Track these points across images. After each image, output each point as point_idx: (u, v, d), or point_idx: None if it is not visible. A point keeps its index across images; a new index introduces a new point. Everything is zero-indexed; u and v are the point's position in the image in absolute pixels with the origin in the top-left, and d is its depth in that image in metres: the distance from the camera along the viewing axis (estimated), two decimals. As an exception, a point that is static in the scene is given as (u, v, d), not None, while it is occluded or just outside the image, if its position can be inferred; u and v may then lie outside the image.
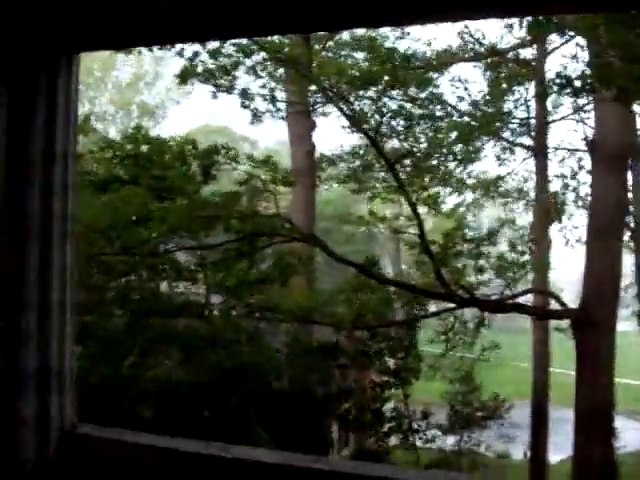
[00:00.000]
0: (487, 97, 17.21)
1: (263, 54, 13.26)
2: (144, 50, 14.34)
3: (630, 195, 16.07)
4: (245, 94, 14.03)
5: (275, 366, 12.99)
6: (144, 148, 12.35)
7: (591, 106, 15.65)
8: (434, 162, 17.34)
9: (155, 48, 13.14)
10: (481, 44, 17.39)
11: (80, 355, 9.60)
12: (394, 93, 13.76)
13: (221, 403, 11.66)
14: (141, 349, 11.55)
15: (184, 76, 13.44)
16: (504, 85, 17.73)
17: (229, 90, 14.08)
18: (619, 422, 14.88)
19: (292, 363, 13.78)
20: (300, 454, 2.49)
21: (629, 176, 15.49)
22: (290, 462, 2.42)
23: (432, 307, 15.17)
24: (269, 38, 12.03)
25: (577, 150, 18.97)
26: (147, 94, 36.06)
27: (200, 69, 13.49)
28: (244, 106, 14.14)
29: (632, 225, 17.52)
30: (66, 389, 2.64)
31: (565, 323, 14.52)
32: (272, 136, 35.51)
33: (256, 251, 12.70)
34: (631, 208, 16.21)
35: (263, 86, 15.10)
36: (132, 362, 11.46)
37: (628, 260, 16.41)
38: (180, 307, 12.34)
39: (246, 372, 11.92)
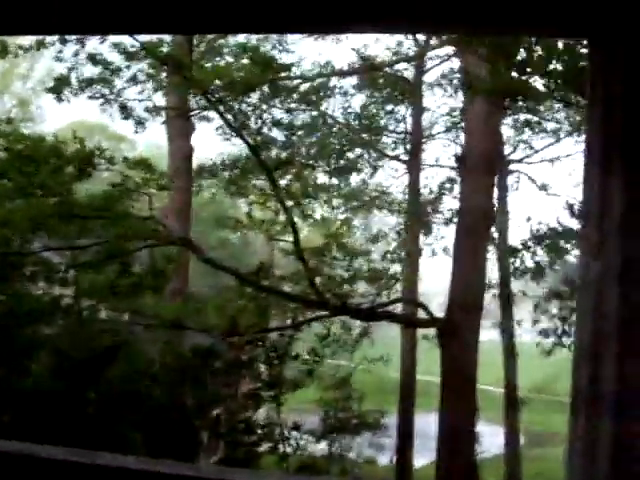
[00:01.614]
0: (365, 111, 17.65)
1: (143, 64, 13.07)
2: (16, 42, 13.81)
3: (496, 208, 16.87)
4: (124, 108, 13.82)
5: (148, 372, 12.77)
6: (15, 143, 11.86)
7: (462, 124, 16.37)
8: (312, 171, 17.61)
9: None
10: (362, 59, 17.80)
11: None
12: (274, 102, 13.89)
13: (91, 410, 11.36)
14: (6, 356, 11.08)
15: (57, 88, 13.02)
16: (382, 100, 18.24)
17: (108, 101, 13.81)
18: (480, 428, 15.53)
19: (165, 370, 13.59)
20: (167, 460, 2.50)
21: (495, 190, 16.27)
22: (156, 469, 2.43)
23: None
24: (150, 39, 11.90)
25: (448, 167, 19.77)
26: (21, 86, 34.63)
27: (75, 79, 13.12)
28: (124, 117, 13.92)
29: (496, 237, 18.39)
30: None
31: (432, 332, 15.05)
32: (151, 137, 34.92)
33: (128, 254, 12.45)
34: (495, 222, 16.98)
35: (142, 91, 14.90)
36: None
37: (493, 272, 17.18)
38: (46, 311, 11.92)
39: (118, 378, 11.67)
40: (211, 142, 18.93)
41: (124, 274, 12.30)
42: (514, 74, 10.35)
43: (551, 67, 9.75)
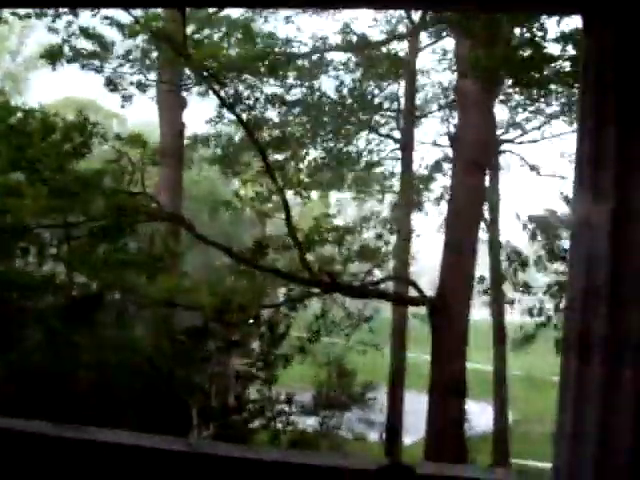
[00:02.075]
0: (358, 88, 17.62)
1: (138, 40, 12.99)
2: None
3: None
4: (111, 82, 13.77)
5: (141, 350, 12.79)
6: (7, 116, 11.77)
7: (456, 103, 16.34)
8: (306, 149, 17.60)
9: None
10: (356, 35, 17.73)
11: None
12: (268, 79, 13.84)
13: (84, 386, 11.38)
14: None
15: (52, 56, 12.95)
16: (375, 77, 18.21)
17: (98, 70, 13.77)
18: (470, 405, 15.68)
19: (157, 347, 13.62)
20: (159, 436, 2.55)
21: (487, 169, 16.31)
22: (150, 444, 2.48)
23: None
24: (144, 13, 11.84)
25: (441, 145, 19.80)
26: (10, 61, 34.34)
27: (68, 50, 13.07)
28: (112, 90, 13.87)
29: (488, 217, 18.47)
30: None
31: (423, 310, 15.14)
32: (142, 113, 34.66)
33: (121, 230, 12.44)
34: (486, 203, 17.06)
35: (132, 65, 14.83)
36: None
37: (483, 251, 17.28)
38: (39, 286, 11.90)
39: (111, 355, 11.68)
40: (204, 120, 18.83)
41: (119, 250, 12.29)
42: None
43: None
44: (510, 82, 13.09)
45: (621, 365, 2.17)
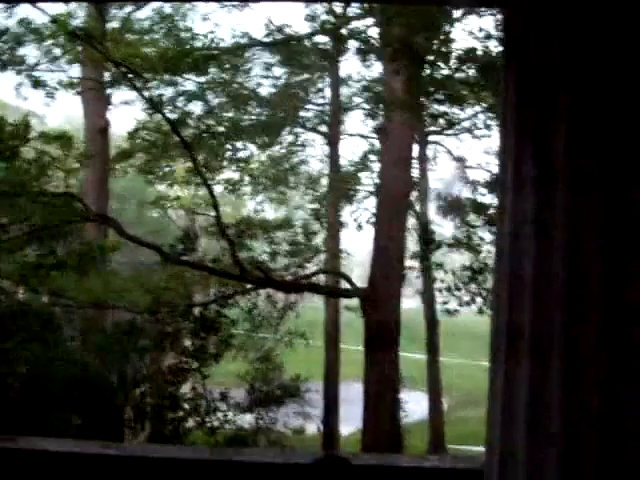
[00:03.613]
0: (285, 83, 17.59)
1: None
2: None
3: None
4: (33, 78, 13.42)
5: (69, 352, 12.54)
6: None
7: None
8: (233, 146, 17.46)
9: None
10: (280, 31, 17.64)
11: None
12: (192, 76, 13.70)
13: (12, 394, 11.11)
14: None
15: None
16: (301, 72, 18.18)
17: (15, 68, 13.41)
18: (405, 394, 15.89)
19: (87, 348, 13.39)
20: (90, 441, 2.51)
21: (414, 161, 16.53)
22: (79, 449, 2.43)
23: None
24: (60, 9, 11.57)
25: (369, 137, 19.90)
26: None
27: None
28: (35, 86, 13.52)
29: (417, 208, 18.70)
30: None
31: (355, 301, 15.26)
32: (62, 111, 33.90)
33: (45, 232, 12.15)
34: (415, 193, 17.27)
35: (52, 61, 14.48)
36: None
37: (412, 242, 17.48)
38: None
39: (38, 358, 11.42)
40: (130, 118, 18.55)
41: (48, 255, 12.00)
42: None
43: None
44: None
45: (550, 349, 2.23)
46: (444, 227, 16.60)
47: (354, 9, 14.22)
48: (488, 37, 10.48)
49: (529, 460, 2.19)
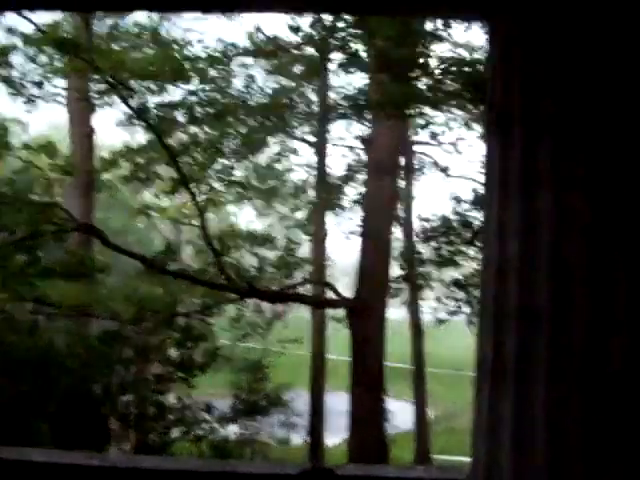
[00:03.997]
0: (272, 92, 17.61)
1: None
2: None
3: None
4: (10, 82, 13.37)
5: (55, 361, 12.47)
6: None
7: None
8: (220, 155, 17.42)
9: None
10: (269, 39, 17.64)
11: None
12: (178, 85, 13.70)
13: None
14: None
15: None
16: (289, 79, 18.21)
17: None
18: (391, 404, 15.88)
19: (72, 357, 13.32)
20: (74, 451, 2.49)
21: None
22: (64, 460, 2.41)
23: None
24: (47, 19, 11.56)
25: (355, 147, 19.95)
26: None
27: None
28: (14, 94, 13.47)
29: (402, 218, 18.75)
30: None
31: (341, 312, 15.26)
32: (45, 118, 33.55)
33: (31, 242, 12.09)
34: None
35: (38, 69, 14.44)
36: None
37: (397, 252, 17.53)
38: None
39: (23, 367, 11.35)
40: (115, 127, 18.44)
41: (33, 263, 11.95)
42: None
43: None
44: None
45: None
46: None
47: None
48: (473, 48, 10.54)
49: (514, 471, 2.20)
